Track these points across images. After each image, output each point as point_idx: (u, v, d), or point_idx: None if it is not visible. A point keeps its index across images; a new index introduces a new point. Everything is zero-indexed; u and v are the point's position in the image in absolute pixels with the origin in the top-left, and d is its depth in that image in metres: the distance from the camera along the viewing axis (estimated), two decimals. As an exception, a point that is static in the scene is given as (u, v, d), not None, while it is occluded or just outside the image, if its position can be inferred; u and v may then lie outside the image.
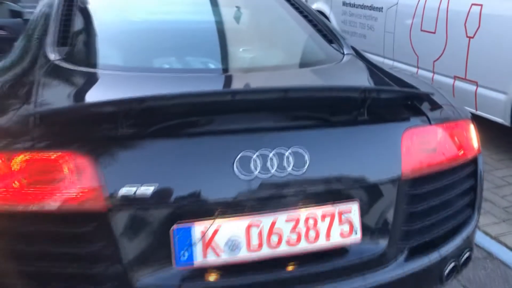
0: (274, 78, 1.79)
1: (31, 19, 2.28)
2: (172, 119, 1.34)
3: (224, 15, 2.38)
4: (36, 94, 1.48)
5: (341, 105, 1.52)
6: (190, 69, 1.88)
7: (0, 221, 1.28)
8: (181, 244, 1.32)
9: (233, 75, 1.83)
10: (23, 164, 1.27)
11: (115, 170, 1.28)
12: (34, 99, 1.45)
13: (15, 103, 1.47)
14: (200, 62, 1.96)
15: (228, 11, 2.41)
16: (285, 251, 1.40)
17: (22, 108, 1.42)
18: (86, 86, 1.61)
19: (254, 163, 1.34)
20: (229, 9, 2.42)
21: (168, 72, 1.80)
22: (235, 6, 2.43)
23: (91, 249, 1.28)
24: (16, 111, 1.41)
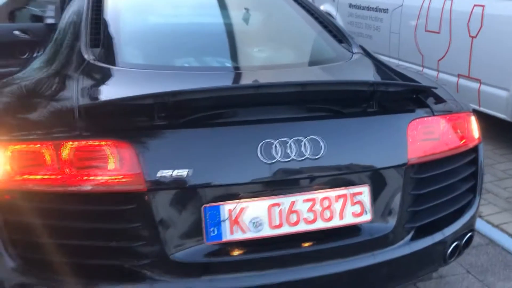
0: (289, 75, 1.95)
1: (60, 25, 2.45)
2: (203, 111, 1.51)
3: (240, 17, 2.54)
4: (78, 89, 1.65)
5: (352, 97, 1.68)
6: (212, 67, 2.05)
7: (52, 201, 1.45)
8: (211, 222, 1.48)
9: (252, 73, 1.99)
10: (71, 151, 1.44)
11: (153, 156, 1.45)
12: (77, 93, 1.61)
13: (61, 97, 1.64)
14: (221, 61, 2.12)
15: (244, 13, 2.57)
16: (303, 228, 1.55)
17: (68, 101, 1.58)
18: (119, 82, 1.78)
19: (275, 150, 1.50)
20: (245, 12, 2.59)
21: (192, 70, 1.97)
22: (250, 8, 2.59)
23: (132, 226, 1.45)
24: (63, 104, 1.58)
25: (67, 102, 1.59)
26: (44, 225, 1.44)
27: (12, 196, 1.47)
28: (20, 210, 1.46)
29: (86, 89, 1.66)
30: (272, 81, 1.70)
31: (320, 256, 1.58)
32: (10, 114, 1.66)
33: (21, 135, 1.49)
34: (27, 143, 1.46)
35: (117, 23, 2.18)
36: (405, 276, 1.80)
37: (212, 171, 1.48)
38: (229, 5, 2.61)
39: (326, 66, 2.08)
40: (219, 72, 1.96)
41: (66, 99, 1.61)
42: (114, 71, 1.83)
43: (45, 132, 1.49)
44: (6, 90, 1.85)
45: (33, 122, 1.57)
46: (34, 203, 1.45)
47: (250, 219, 1.51)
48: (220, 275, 1.51)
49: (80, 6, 2.30)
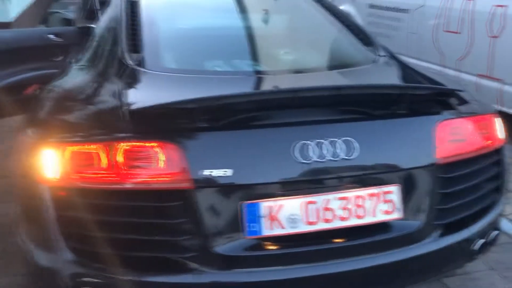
0: (320, 78, 2.04)
1: (96, 31, 2.57)
2: (243, 114, 1.60)
3: (271, 21, 2.64)
4: (124, 93, 1.76)
5: (383, 100, 1.76)
6: (246, 72, 2.15)
7: (104, 198, 1.56)
8: (250, 218, 1.58)
9: (284, 76, 2.08)
10: (122, 151, 1.55)
11: (197, 156, 1.55)
12: (124, 97, 1.72)
13: (109, 101, 1.75)
14: (253, 64, 2.22)
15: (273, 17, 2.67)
16: (336, 225, 1.64)
17: (116, 105, 1.69)
18: (161, 87, 1.88)
19: (311, 150, 1.59)
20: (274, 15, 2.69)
21: (229, 74, 2.07)
22: (278, 12, 2.69)
23: (177, 221, 1.55)
24: (112, 108, 1.69)
25: (116, 106, 1.70)
26: (96, 220, 1.56)
27: (67, 193, 1.59)
28: (74, 206, 1.58)
29: (132, 94, 1.76)
30: (306, 85, 1.79)
31: (352, 252, 1.67)
32: (64, 118, 1.78)
33: (76, 137, 1.61)
34: (81, 144, 1.57)
35: (154, 28, 2.28)
36: (432, 271, 1.88)
37: (251, 170, 1.58)
38: (258, 9, 2.70)
39: (354, 70, 2.16)
40: (252, 76, 2.06)
41: (114, 103, 1.72)
42: (155, 75, 1.94)
43: (98, 134, 1.60)
44: (57, 95, 1.97)
45: (86, 125, 1.69)
46: (88, 200, 1.56)
47: (287, 215, 1.60)
48: (258, 268, 1.61)
49: (116, 12, 2.41)
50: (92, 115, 1.77)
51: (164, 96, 1.72)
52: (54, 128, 1.74)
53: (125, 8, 2.37)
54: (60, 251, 1.60)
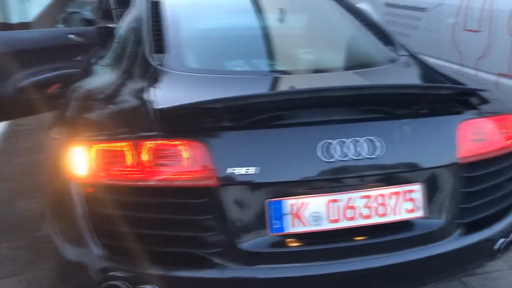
0: (341, 78, 2.06)
1: (119, 32, 2.62)
2: (268, 113, 1.63)
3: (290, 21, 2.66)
4: (150, 93, 1.80)
5: (406, 100, 1.78)
6: (270, 71, 2.18)
7: (132, 194, 1.61)
8: (274, 215, 1.61)
9: (308, 76, 2.10)
10: (149, 149, 1.59)
11: (223, 155, 1.59)
12: (150, 97, 1.76)
13: (136, 100, 1.79)
14: (276, 64, 2.25)
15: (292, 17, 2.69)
16: (359, 223, 1.67)
17: (143, 104, 1.74)
18: (186, 87, 1.91)
19: (335, 149, 1.61)
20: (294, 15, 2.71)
21: (252, 74, 2.10)
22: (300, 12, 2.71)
23: (204, 218, 1.59)
24: (138, 107, 1.74)
25: (142, 105, 1.74)
26: (124, 216, 1.60)
27: (95, 190, 1.64)
28: (103, 202, 1.63)
29: (157, 93, 1.80)
30: (329, 85, 1.82)
31: (375, 249, 1.69)
32: (92, 117, 1.83)
33: (104, 135, 1.66)
34: (109, 142, 1.62)
35: (177, 29, 2.32)
36: (453, 270, 1.89)
37: (276, 169, 1.61)
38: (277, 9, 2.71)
39: (375, 69, 2.17)
40: (273, 76, 2.09)
41: (140, 102, 1.77)
42: (179, 75, 1.97)
43: (125, 133, 1.65)
44: (83, 94, 2.03)
45: (113, 123, 1.74)
46: (115, 196, 1.61)
47: (310, 213, 1.63)
48: (282, 264, 1.64)
49: (139, 14, 2.45)
50: (119, 114, 1.81)
51: (188, 96, 1.76)
52: (82, 126, 1.79)
53: (149, 9, 2.41)
54: (89, 246, 1.64)
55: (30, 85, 3.24)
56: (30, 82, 3.25)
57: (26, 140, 4.37)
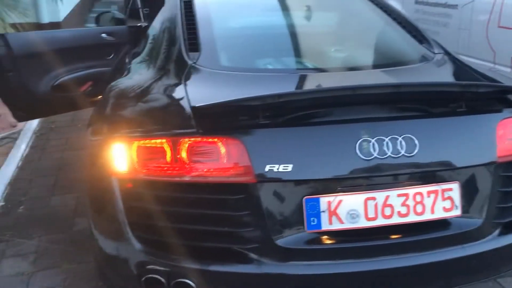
0: (376, 76, 2.05)
1: (153, 31, 2.66)
2: (306, 110, 1.64)
3: (322, 19, 2.66)
4: (187, 90, 1.82)
5: (444, 98, 1.76)
6: (305, 69, 2.18)
7: (170, 190, 1.64)
8: (311, 212, 1.62)
9: (341, 74, 2.10)
10: (188, 146, 1.62)
11: (260, 152, 1.60)
12: (187, 94, 1.79)
13: (173, 98, 1.82)
14: (310, 62, 2.25)
15: (324, 15, 2.69)
16: (396, 221, 1.66)
17: (181, 101, 1.76)
18: (222, 84, 1.93)
19: (373, 147, 1.61)
20: (326, 13, 2.71)
21: (285, 72, 2.11)
22: (332, 10, 2.71)
23: (241, 214, 1.61)
24: (177, 104, 1.77)
25: (180, 102, 1.77)
26: (163, 211, 1.63)
27: (135, 185, 1.68)
28: (141, 197, 1.66)
29: (193, 91, 1.83)
30: (366, 83, 1.81)
31: (411, 248, 1.68)
32: (131, 114, 1.87)
33: (144, 132, 1.69)
34: (149, 138, 1.65)
35: (210, 28, 2.34)
36: (489, 270, 1.87)
37: (313, 166, 1.62)
38: (309, 7, 2.72)
39: (410, 68, 2.15)
40: (308, 74, 2.09)
41: (178, 99, 1.80)
42: (213, 73, 2.00)
43: (164, 130, 1.68)
44: (122, 92, 2.07)
45: (153, 120, 1.77)
46: (155, 192, 1.65)
47: (347, 211, 1.63)
48: (318, 261, 1.64)
49: (173, 13, 2.49)
50: (158, 112, 1.85)
51: (224, 93, 1.78)
52: (122, 123, 1.83)
53: (182, 9, 2.44)
54: (129, 240, 1.68)
55: (64, 83, 3.32)
56: (63, 80, 3.33)
57: (58, 137, 4.48)
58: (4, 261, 2.58)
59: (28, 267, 2.51)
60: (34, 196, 3.30)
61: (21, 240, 2.75)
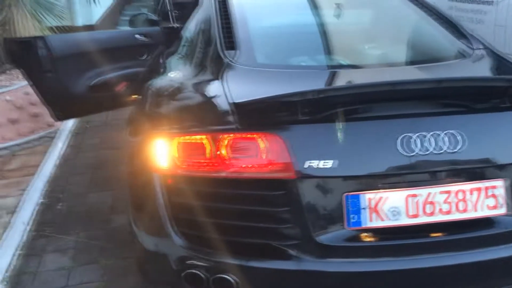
0: (416, 72, 2.02)
1: (189, 31, 2.70)
2: (346, 106, 1.63)
3: (356, 16, 2.64)
4: (226, 87, 1.83)
5: (487, 93, 1.72)
6: (337, 65, 2.17)
7: (211, 185, 1.66)
8: (352, 209, 1.61)
9: (380, 70, 2.08)
10: (228, 142, 1.63)
11: (300, 148, 1.60)
12: (226, 91, 1.80)
13: (212, 95, 1.84)
14: (345, 59, 2.23)
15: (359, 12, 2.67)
16: (438, 219, 1.63)
17: (220, 98, 1.77)
18: (259, 81, 1.93)
19: (415, 143, 1.59)
20: (361, 10, 2.69)
21: (321, 68, 2.10)
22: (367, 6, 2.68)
23: (281, 210, 1.61)
24: (216, 101, 1.78)
25: (219, 99, 1.78)
26: (203, 207, 1.65)
27: (176, 181, 1.70)
28: (183, 193, 1.68)
29: (232, 88, 1.84)
30: (406, 78, 1.79)
31: (454, 246, 1.65)
32: (171, 111, 1.90)
33: (184, 128, 1.71)
34: (190, 134, 1.68)
35: (246, 27, 2.35)
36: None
37: (354, 162, 1.60)
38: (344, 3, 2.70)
39: (450, 63, 2.11)
40: (345, 70, 2.07)
41: (217, 96, 1.81)
42: (250, 71, 2.00)
43: (204, 126, 1.70)
44: (161, 90, 2.11)
45: (193, 117, 1.80)
46: (195, 187, 1.66)
47: (388, 208, 1.61)
48: (358, 259, 1.63)
49: (208, 13, 2.51)
50: (197, 108, 1.87)
51: (261, 90, 1.78)
52: (162, 120, 1.86)
53: (217, 8, 2.46)
54: (169, 235, 1.71)
55: (100, 84, 3.39)
56: (100, 80, 3.40)
57: (93, 136, 4.59)
58: (45, 256, 2.66)
59: (68, 262, 2.58)
60: (71, 193, 3.39)
61: (61, 236, 2.83)
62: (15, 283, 2.45)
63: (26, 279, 2.47)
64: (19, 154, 4.15)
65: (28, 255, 2.68)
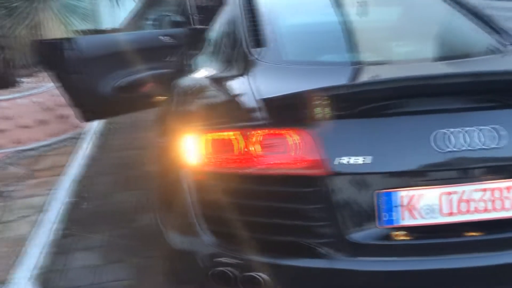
0: (446, 68, 1.97)
1: (213, 32, 2.71)
2: (377, 101, 1.59)
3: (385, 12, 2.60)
4: (253, 84, 1.82)
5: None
6: (366, 62, 2.13)
7: (240, 182, 1.64)
8: (384, 207, 1.57)
9: (409, 66, 2.03)
10: (257, 138, 1.61)
11: (330, 144, 1.57)
12: (254, 88, 1.78)
13: (240, 92, 1.82)
14: (374, 55, 2.20)
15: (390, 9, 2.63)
16: (473, 218, 1.58)
17: (248, 95, 1.75)
18: (286, 77, 1.91)
19: (449, 139, 1.54)
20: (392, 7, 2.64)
21: (348, 64, 2.07)
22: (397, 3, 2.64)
23: (311, 207, 1.58)
24: (244, 98, 1.76)
25: (247, 96, 1.76)
26: (233, 204, 1.63)
27: (206, 178, 1.69)
28: (212, 190, 1.67)
29: (261, 84, 1.82)
30: (442, 72, 1.74)
31: (490, 246, 1.59)
32: (201, 108, 1.90)
33: (214, 125, 1.70)
34: (219, 131, 1.66)
35: (272, 24, 2.34)
36: None
37: (386, 159, 1.56)
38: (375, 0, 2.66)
39: (480, 59, 2.06)
40: (375, 66, 2.04)
41: (245, 93, 1.79)
42: (279, 68, 1.98)
43: (234, 122, 1.68)
44: (189, 88, 2.11)
45: (222, 114, 1.78)
46: (225, 184, 1.65)
47: (422, 206, 1.57)
48: (390, 258, 1.59)
49: (233, 13, 2.51)
50: (225, 105, 1.86)
51: (290, 86, 1.76)
52: (191, 117, 1.86)
53: (243, 7, 2.46)
54: (198, 232, 1.70)
55: (127, 85, 3.43)
56: (125, 81, 3.44)
57: (118, 137, 4.64)
58: (73, 254, 2.68)
59: (96, 261, 2.59)
60: (98, 193, 3.43)
61: (88, 234, 2.86)
62: (43, 281, 2.48)
63: (53, 276, 2.50)
64: (47, 154, 4.22)
65: (55, 253, 2.71)
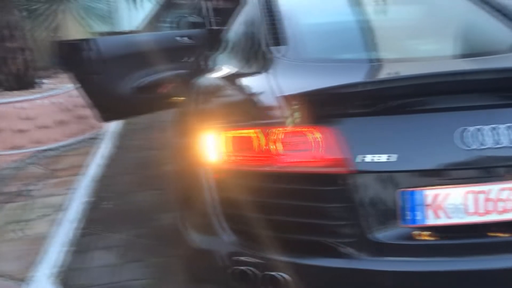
0: (469, 65, 1.94)
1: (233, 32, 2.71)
2: (400, 99, 1.57)
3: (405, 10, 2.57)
4: (273, 82, 1.81)
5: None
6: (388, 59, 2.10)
7: (260, 180, 1.63)
8: (407, 206, 1.55)
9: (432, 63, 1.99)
10: (277, 136, 1.60)
11: (355, 142, 1.55)
12: (274, 85, 1.77)
13: (261, 89, 1.81)
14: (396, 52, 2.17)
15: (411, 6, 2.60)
16: (499, 217, 1.54)
17: (268, 92, 1.74)
18: (306, 75, 1.90)
19: (473, 137, 1.51)
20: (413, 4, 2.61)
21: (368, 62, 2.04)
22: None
23: (333, 206, 1.57)
24: (264, 95, 1.76)
25: (267, 93, 1.75)
26: (253, 202, 1.63)
27: (226, 176, 1.68)
28: (232, 188, 1.67)
29: (282, 82, 1.80)
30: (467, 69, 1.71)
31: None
32: (220, 106, 1.90)
33: (235, 122, 1.70)
34: (240, 129, 1.66)
35: (291, 23, 2.32)
36: None
37: (409, 157, 1.54)
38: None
39: (503, 56, 2.01)
40: (400, 63, 2.00)
41: (266, 91, 1.78)
42: (298, 65, 1.97)
43: (254, 120, 1.67)
44: (209, 86, 2.11)
45: (243, 111, 1.78)
46: (245, 182, 1.64)
47: (446, 205, 1.54)
48: (412, 258, 1.57)
49: (252, 12, 2.51)
50: (246, 102, 1.86)
51: (312, 83, 1.74)
52: (211, 115, 1.86)
53: (262, 6, 2.45)
54: (218, 231, 1.69)
55: (145, 85, 3.45)
56: (145, 82, 3.46)
57: (137, 138, 4.68)
58: (92, 253, 2.71)
59: (116, 260, 2.61)
60: (117, 192, 3.46)
61: (109, 233, 2.88)
62: (62, 279, 2.50)
63: (73, 275, 2.52)
64: (66, 154, 4.28)
65: (75, 251, 2.74)
